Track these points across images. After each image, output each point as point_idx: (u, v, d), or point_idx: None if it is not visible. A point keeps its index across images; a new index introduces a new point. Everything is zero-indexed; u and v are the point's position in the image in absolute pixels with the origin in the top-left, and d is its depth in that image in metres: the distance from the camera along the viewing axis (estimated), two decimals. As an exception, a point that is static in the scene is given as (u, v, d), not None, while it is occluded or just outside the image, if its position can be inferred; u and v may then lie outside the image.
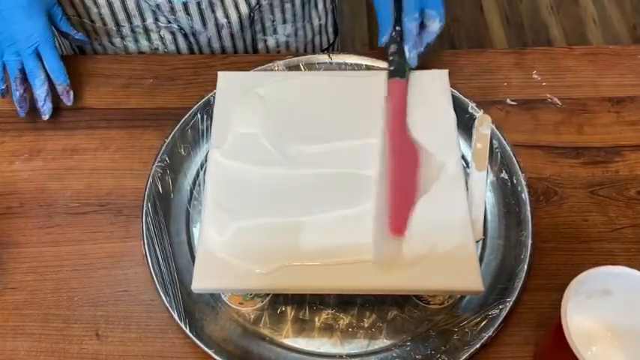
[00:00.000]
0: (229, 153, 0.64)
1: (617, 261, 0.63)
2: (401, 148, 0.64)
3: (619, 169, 0.70)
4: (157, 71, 0.79)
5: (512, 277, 0.61)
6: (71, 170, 0.72)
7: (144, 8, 0.81)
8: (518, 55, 0.80)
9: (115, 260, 0.65)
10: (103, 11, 0.81)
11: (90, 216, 0.68)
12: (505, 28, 1.98)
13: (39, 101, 0.72)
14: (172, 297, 0.60)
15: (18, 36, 0.70)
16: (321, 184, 0.62)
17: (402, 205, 0.60)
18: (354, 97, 0.69)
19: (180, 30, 0.84)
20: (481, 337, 0.58)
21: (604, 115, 0.75)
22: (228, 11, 0.83)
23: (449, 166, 0.63)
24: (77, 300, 0.63)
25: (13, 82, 0.72)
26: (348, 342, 0.60)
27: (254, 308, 0.62)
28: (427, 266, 0.57)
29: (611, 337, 0.57)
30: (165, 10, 0.80)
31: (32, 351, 0.60)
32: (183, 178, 0.69)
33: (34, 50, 0.71)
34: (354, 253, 0.58)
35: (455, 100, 0.69)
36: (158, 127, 0.74)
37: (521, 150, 0.70)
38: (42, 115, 0.73)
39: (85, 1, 0.80)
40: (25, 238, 0.67)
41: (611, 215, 0.67)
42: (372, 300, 0.62)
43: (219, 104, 0.68)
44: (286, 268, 0.57)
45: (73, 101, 0.74)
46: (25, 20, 0.70)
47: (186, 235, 0.66)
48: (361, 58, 0.76)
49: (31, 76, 0.72)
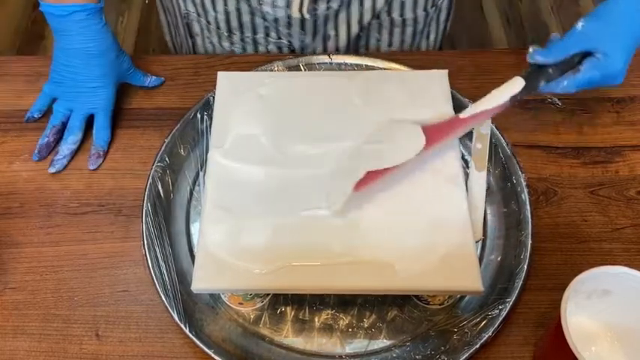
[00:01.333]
0: (229, 153, 0.64)
1: (617, 261, 0.63)
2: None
3: (619, 169, 0.70)
4: (157, 71, 0.79)
5: (512, 277, 0.61)
6: (71, 170, 0.72)
7: (257, 23, 0.83)
8: (518, 55, 0.80)
9: (115, 260, 0.65)
10: (219, 17, 0.83)
11: (90, 216, 0.68)
12: (505, 28, 1.98)
13: (59, 154, 0.72)
14: (172, 297, 0.60)
15: (81, 98, 0.72)
16: (321, 183, 0.62)
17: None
18: (354, 97, 0.69)
19: (288, 46, 0.85)
20: (481, 337, 0.58)
21: (604, 115, 0.75)
22: (339, 26, 0.84)
23: (449, 166, 0.63)
24: (77, 300, 0.63)
25: (49, 127, 0.73)
26: (348, 342, 0.60)
27: (254, 308, 0.62)
28: (427, 266, 0.57)
29: (611, 337, 0.57)
30: (281, 24, 0.81)
31: (32, 351, 0.60)
32: (183, 178, 0.69)
33: (88, 114, 0.73)
34: (355, 253, 0.58)
35: (455, 100, 0.69)
36: (158, 127, 0.74)
37: (521, 150, 0.70)
38: (50, 166, 0.71)
39: (205, 4, 0.82)
40: (25, 238, 0.67)
41: (611, 215, 0.67)
42: (372, 300, 0.62)
43: (219, 104, 0.68)
44: (286, 268, 0.57)
45: (95, 167, 0.72)
46: (94, 90, 0.72)
47: (186, 236, 0.66)
48: (361, 58, 0.76)
49: (69, 131, 0.72)
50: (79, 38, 0.70)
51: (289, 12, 0.79)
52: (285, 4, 0.78)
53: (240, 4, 0.80)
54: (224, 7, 0.81)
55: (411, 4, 0.83)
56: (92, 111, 0.73)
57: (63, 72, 0.72)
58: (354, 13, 0.82)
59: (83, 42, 0.70)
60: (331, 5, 0.79)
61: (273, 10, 0.79)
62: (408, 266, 0.57)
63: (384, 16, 0.84)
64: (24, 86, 0.78)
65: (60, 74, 0.72)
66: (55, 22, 0.69)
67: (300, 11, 0.78)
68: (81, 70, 0.71)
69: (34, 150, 0.72)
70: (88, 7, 0.68)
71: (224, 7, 0.81)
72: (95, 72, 0.71)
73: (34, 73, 0.79)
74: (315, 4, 0.78)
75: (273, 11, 0.79)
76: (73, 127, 0.72)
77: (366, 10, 0.82)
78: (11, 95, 0.78)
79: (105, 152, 0.72)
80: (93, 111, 0.73)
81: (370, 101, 0.68)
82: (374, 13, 0.83)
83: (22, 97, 0.77)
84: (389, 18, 0.84)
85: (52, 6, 0.68)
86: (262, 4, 0.79)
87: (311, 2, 0.78)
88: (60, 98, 0.74)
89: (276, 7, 0.79)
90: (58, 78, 0.73)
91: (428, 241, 0.58)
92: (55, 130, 0.73)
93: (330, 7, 0.79)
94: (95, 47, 0.70)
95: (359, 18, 0.83)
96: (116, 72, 0.73)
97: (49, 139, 0.72)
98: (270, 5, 0.78)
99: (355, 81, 0.70)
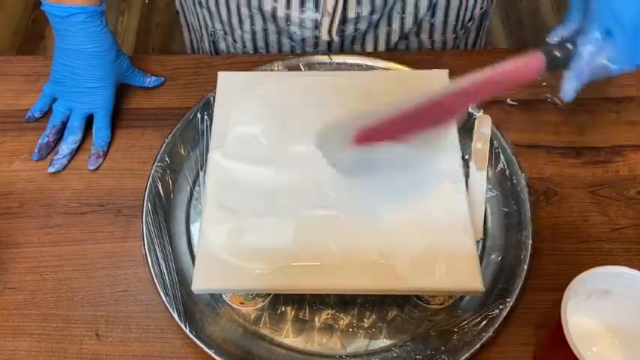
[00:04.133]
0: (229, 153, 0.64)
1: (617, 261, 0.63)
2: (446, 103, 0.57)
3: (619, 169, 0.70)
4: (157, 71, 0.79)
5: (512, 277, 0.61)
6: (71, 170, 0.72)
7: (283, 43, 0.83)
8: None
9: (115, 260, 0.65)
10: (245, 36, 0.83)
11: (90, 216, 0.68)
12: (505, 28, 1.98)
13: (58, 154, 0.71)
14: (172, 297, 0.60)
15: (80, 97, 0.72)
16: (321, 183, 0.62)
17: (383, 128, 0.56)
18: (354, 97, 0.69)
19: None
20: (481, 337, 0.58)
21: (604, 115, 0.75)
22: (366, 46, 0.83)
23: (449, 166, 0.63)
24: (77, 300, 0.63)
25: (49, 127, 0.73)
26: (348, 342, 0.60)
27: (255, 308, 0.62)
28: (427, 266, 0.57)
29: (611, 337, 0.57)
30: (308, 44, 0.82)
31: (32, 351, 0.60)
32: (183, 178, 0.69)
33: (88, 114, 0.73)
34: (355, 253, 0.58)
35: (455, 100, 0.69)
36: (158, 127, 0.74)
37: (521, 150, 0.70)
38: (50, 166, 0.71)
39: (232, 23, 0.82)
40: (25, 238, 0.67)
41: (611, 215, 0.67)
42: (372, 300, 0.61)
43: (219, 104, 0.68)
44: (286, 268, 0.57)
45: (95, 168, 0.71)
46: (93, 90, 0.72)
47: (187, 236, 0.66)
48: (361, 58, 0.76)
49: (69, 131, 0.72)
50: (79, 39, 0.70)
51: (317, 33, 0.79)
52: (313, 25, 0.78)
53: (267, 24, 0.80)
54: (251, 26, 0.81)
55: (440, 26, 0.82)
56: (91, 111, 0.73)
57: (63, 71, 0.72)
58: (382, 35, 0.82)
59: (83, 43, 0.70)
60: (359, 27, 0.78)
61: (300, 30, 0.79)
62: (408, 266, 0.57)
63: (413, 37, 0.83)
64: (24, 86, 0.78)
65: (60, 74, 0.72)
66: (55, 21, 0.69)
67: (329, 33, 0.78)
68: (80, 70, 0.71)
69: (33, 150, 0.72)
70: (89, 9, 0.68)
71: (251, 27, 0.81)
72: (95, 72, 0.71)
73: (34, 73, 0.79)
74: (344, 26, 0.78)
75: (301, 32, 0.79)
76: (73, 126, 0.72)
77: (393, 30, 0.81)
78: (11, 95, 0.78)
79: (105, 152, 0.72)
80: (92, 111, 0.73)
81: (370, 101, 0.68)
82: (402, 34, 0.82)
83: (21, 97, 0.77)
84: (417, 39, 0.84)
85: (53, 6, 0.68)
86: (290, 24, 0.79)
87: (340, 24, 0.78)
88: (60, 98, 0.74)
89: (303, 28, 0.79)
90: (58, 77, 0.73)
91: (428, 240, 0.58)
92: (55, 130, 0.73)
93: (358, 29, 0.79)
94: (95, 48, 0.70)
95: (386, 39, 0.82)
96: (115, 73, 0.73)
97: (49, 138, 0.72)
98: (298, 26, 0.78)
99: (355, 81, 0.70)
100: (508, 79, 0.58)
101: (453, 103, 0.57)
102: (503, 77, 0.57)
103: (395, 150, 0.57)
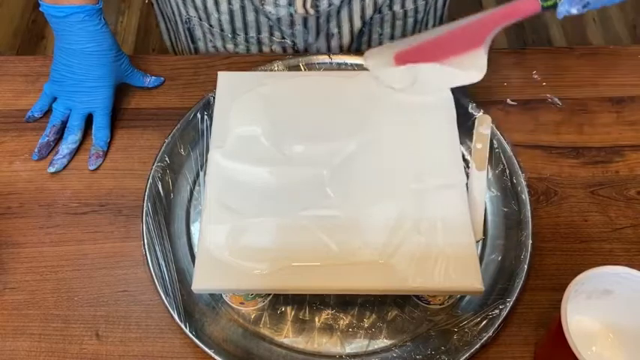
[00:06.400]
0: (229, 153, 0.64)
1: (617, 261, 0.63)
2: (462, 34, 0.68)
3: (619, 169, 0.70)
4: (157, 71, 0.79)
5: (512, 277, 0.61)
6: (71, 170, 0.72)
7: (261, 22, 0.83)
8: (518, 55, 0.80)
9: (115, 260, 0.65)
10: (222, 18, 0.82)
11: (90, 216, 0.68)
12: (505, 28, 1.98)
13: (58, 153, 0.71)
14: (172, 297, 0.60)
15: (81, 97, 0.72)
16: (321, 183, 0.62)
17: (421, 51, 0.68)
18: (354, 97, 0.69)
19: (292, 46, 0.85)
20: (481, 337, 0.58)
21: (604, 115, 0.75)
22: (341, 23, 0.84)
23: (449, 166, 0.63)
24: (77, 300, 0.63)
25: (49, 127, 0.73)
26: (348, 342, 0.60)
27: (255, 308, 0.62)
28: (427, 266, 0.57)
29: (611, 337, 0.57)
30: (284, 23, 0.81)
31: (32, 351, 0.60)
32: (183, 178, 0.69)
33: (87, 113, 0.73)
34: (355, 253, 0.58)
35: (455, 100, 0.69)
36: (158, 127, 0.74)
37: (521, 150, 0.70)
38: (50, 166, 0.71)
39: (207, 7, 0.81)
40: (25, 238, 0.67)
41: (611, 215, 0.67)
42: (372, 300, 0.62)
43: (219, 104, 0.68)
44: (286, 268, 0.57)
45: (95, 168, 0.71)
46: (92, 89, 0.72)
47: (186, 236, 0.66)
48: (361, 59, 0.76)
49: (69, 131, 0.72)
50: (78, 39, 0.70)
51: (291, 10, 0.79)
52: (287, 2, 0.78)
53: (245, 1, 0.80)
54: (228, 6, 0.81)
55: None
56: (91, 110, 0.73)
57: (63, 71, 0.72)
58: (356, 9, 0.82)
59: (82, 42, 0.70)
60: (333, 2, 0.79)
61: (275, 9, 0.79)
62: (408, 266, 0.57)
63: (386, 9, 0.84)
64: (23, 86, 0.78)
65: (60, 73, 0.72)
66: (54, 22, 0.69)
67: (304, 7, 0.78)
68: (80, 69, 0.71)
69: (33, 150, 0.72)
70: (86, 8, 0.68)
71: (228, 7, 0.81)
72: (94, 72, 0.71)
73: (34, 73, 0.79)
74: (318, 1, 0.78)
75: (276, 10, 0.79)
76: (73, 126, 0.72)
77: (367, 5, 0.82)
78: (11, 95, 0.78)
79: (105, 152, 0.72)
80: (91, 110, 0.73)
81: (370, 101, 0.68)
82: (375, 7, 0.82)
83: (21, 97, 0.77)
84: (391, 12, 0.84)
85: (50, 7, 0.68)
86: (265, 3, 0.79)
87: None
88: (59, 97, 0.74)
89: (278, 7, 0.78)
90: (58, 77, 0.73)
91: (428, 240, 0.58)
92: (55, 130, 0.73)
93: (332, 4, 0.79)
94: (94, 47, 0.70)
95: (361, 14, 0.83)
96: (115, 72, 0.73)
97: (49, 138, 0.72)
98: (273, 5, 0.78)
99: (355, 81, 0.70)
100: (515, 12, 0.67)
101: (474, 31, 0.68)
102: (512, 10, 0.66)
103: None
